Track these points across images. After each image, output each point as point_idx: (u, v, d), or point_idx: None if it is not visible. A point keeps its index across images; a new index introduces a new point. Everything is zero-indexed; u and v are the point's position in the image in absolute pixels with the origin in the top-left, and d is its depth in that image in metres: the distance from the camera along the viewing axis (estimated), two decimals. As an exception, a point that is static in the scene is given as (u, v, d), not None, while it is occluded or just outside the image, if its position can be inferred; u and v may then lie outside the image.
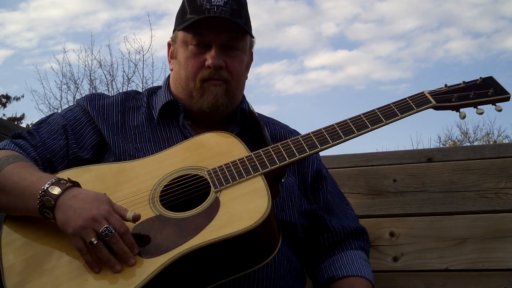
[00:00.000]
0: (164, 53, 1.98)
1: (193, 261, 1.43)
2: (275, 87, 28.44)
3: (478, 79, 1.70)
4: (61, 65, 22.26)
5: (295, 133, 2.01)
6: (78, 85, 18.29)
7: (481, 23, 28.33)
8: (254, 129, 1.90)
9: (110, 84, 18.07)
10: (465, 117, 1.67)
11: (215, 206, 1.52)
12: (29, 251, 1.52)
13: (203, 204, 1.53)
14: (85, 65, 18.73)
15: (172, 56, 1.91)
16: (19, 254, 1.51)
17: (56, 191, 1.49)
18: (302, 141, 1.64)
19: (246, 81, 1.93)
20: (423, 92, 1.69)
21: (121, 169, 1.69)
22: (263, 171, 1.58)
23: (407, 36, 27.77)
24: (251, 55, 1.94)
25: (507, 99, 1.67)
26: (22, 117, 21.24)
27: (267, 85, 28.06)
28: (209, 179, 1.59)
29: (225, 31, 1.79)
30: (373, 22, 28.37)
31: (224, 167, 1.60)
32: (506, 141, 19.13)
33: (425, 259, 2.23)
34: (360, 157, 2.44)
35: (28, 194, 1.53)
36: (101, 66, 18.36)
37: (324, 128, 1.65)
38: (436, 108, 1.68)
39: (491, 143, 18.23)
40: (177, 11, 1.88)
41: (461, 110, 1.68)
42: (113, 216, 1.45)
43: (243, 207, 1.50)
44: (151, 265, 1.41)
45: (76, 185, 1.54)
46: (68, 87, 18.58)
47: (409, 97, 1.68)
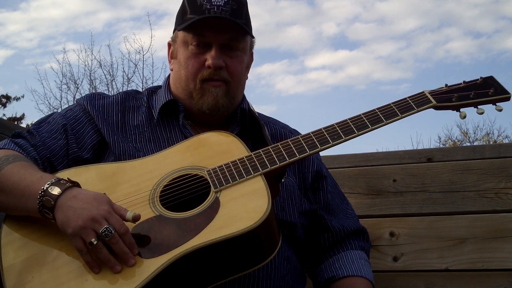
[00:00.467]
0: (164, 53, 1.98)
1: (193, 261, 1.43)
2: (276, 87, 28.46)
3: (478, 79, 1.70)
4: (61, 65, 22.30)
5: (295, 132, 2.00)
6: (78, 85, 18.29)
7: (482, 23, 28.36)
8: (254, 129, 1.90)
9: (110, 84, 18.08)
10: (465, 117, 1.67)
11: (215, 206, 1.51)
12: (29, 251, 1.52)
13: (203, 204, 1.53)
14: (85, 65, 18.73)
15: (172, 56, 1.91)
16: (19, 254, 1.51)
17: (56, 191, 1.49)
18: (302, 141, 1.63)
19: (246, 81, 1.93)
20: (423, 92, 1.69)
21: (121, 169, 1.69)
22: (263, 171, 1.58)
23: (407, 36, 27.80)
24: (251, 55, 1.93)
25: (508, 99, 1.67)
26: (22, 117, 21.25)
27: (268, 85, 28.08)
28: (209, 179, 1.58)
29: (225, 31, 1.79)
30: (374, 22, 28.39)
31: (224, 167, 1.60)
32: (506, 141, 19.13)
33: (425, 259, 2.22)
34: (360, 157, 2.44)
35: (27, 194, 1.52)
36: (101, 66, 18.35)
37: (324, 128, 1.65)
38: (436, 108, 1.67)
39: (491, 143, 18.23)
40: (177, 11, 1.88)
41: (462, 110, 1.68)
42: (113, 216, 1.45)
43: (243, 207, 1.50)
44: (151, 266, 1.41)
45: (76, 185, 1.53)
46: (68, 87, 18.58)
47: (409, 97, 1.68)
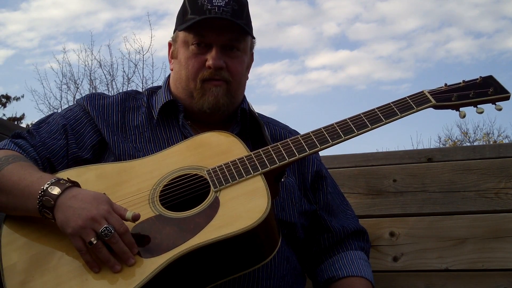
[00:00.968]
0: (164, 53, 1.97)
1: (193, 260, 1.43)
2: (276, 87, 28.44)
3: (478, 78, 1.70)
4: (61, 65, 22.30)
5: (295, 133, 2.00)
6: (78, 85, 18.30)
7: (483, 23, 28.34)
8: (254, 129, 1.90)
9: (110, 84, 18.08)
10: (465, 116, 1.67)
11: (215, 205, 1.51)
12: (30, 251, 1.52)
13: (202, 203, 1.53)
14: (85, 65, 18.74)
15: (172, 56, 1.91)
16: (19, 254, 1.51)
17: (55, 191, 1.49)
18: (301, 141, 1.63)
19: (246, 81, 1.93)
20: (423, 91, 1.69)
21: (121, 169, 1.69)
22: (263, 170, 1.58)
23: (408, 36, 27.78)
24: (252, 55, 1.94)
25: (507, 98, 1.67)
26: (22, 117, 21.23)
27: (268, 85, 28.08)
28: (208, 178, 1.58)
29: (226, 32, 1.79)
30: (375, 22, 28.37)
31: (224, 166, 1.60)
32: (506, 141, 19.13)
33: (425, 259, 2.22)
34: (360, 157, 2.44)
35: (27, 194, 1.52)
36: (101, 66, 18.36)
37: (323, 127, 1.65)
38: (436, 107, 1.67)
39: (491, 143, 18.23)
40: (178, 11, 1.88)
41: (461, 109, 1.68)
42: (113, 216, 1.45)
43: (243, 206, 1.50)
44: (151, 265, 1.41)
45: (75, 185, 1.54)
46: (68, 87, 18.59)
47: (409, 97, 1.68)
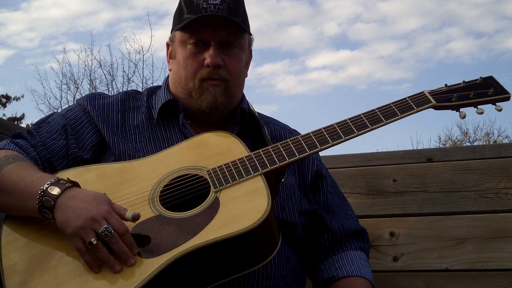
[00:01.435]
0: (164, 53, 1.97)
1: (193, 261, 1.43)
2: (277, 87, 28.43)
3: (478, 79, 1.70)
4: (61, 65, 22.30)
5: (295, 133, 2.00)
6: (78, 85, 18.30)
7: (483, 23, 28.31)
8: (254, 129, 1.90)
9: (110, 84, 18.08)
10: (465, 116, 1.67)
11: (215, 206, 1.51)
12: (29, 251, 1.51)
13: (202, 204, 1.53)
14: (85, 65, 18.74)
15: (171, 56, 1.91)
16: (19, 254, 1.51)
17: (55, 191, 1.49)
18: (302, 141, 1.63)
19: (245, 79, 1.93)
20: (423, 91, 1.69)
21: (121, 169, 1.69)
22: (263, 171, 1.57)
23: (409, 36, 27.76)
24: (250, 52, 1.93)
25: (507, 99, 1.67)
26: (22, 117, 21.24)
27: (269, 85, 28.07)
28: (208, 179, 1.58)
29: (223, 29, 1.78)
30: (375, 22, 28.37)
31: (224, 167, 1.60)
32: (506, 141, 19.13)
33: (425, 259, 2.22)
34: (360, 157, 2.43)
35: (27, 194, 1.52)
36: (101, 66, 18.37)
37: (324, 128, 1.65)
38: (436, 108, 1.67)
39: (491, 143, 18.23)
40: (175, 12, 1.88)
41: (461, 109, 1.68)
42: (113, 216, 1.45)
43: (243, 207, 1.50)
44: (151, 265, 1.41)
45: (75, 185, 1.53)
46: (68, 87, 18.60)
47: (409, 97, 1.68)
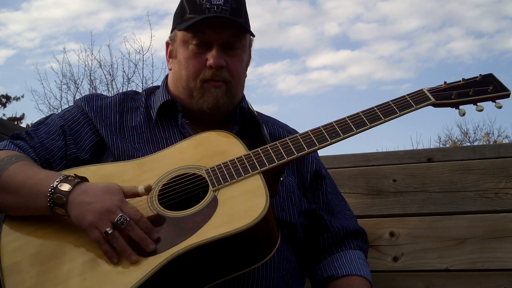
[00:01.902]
0: (164, 53, 1.97)
1: (191, 260, 1.43)
2: (277, 87, 28.47)
3: (477, 76, 1.69)
4: (61, 65, 22.34)
5: (293, 132, 2.00)
6: (78, 85, 18.34)
7: (484, 23, 28.34)
8: (253, 128, 1.89)
9: (110, 84, 18.11)
10: (464, 114, 1.66)
11: (213, 204, 1.51)
12: (29, 250, 1.52)
13: (201, 202, 1.53)
14: (85, 65, 18.77)
15: (171, 55, 1.90)
16: (19, 253, 1.51)
17: (66, 187, 1.50)
18: (300, 140, 1.63)
19: (245, 79, 1.93)
20: (422, 89, 1.68)
21: (119, 169, 1.69)
22: (261, 169, 1.57)
23: (409, 36, 27.79)
24: (250, 52, 1.93)
25: (507, 96, 1.66)
26: (22, 117, 21.25)
27: (269, 85, 28.10)
28: (207, 177, 1.58)
29: (226, 31, 1.78)
30: (376, 22, 28.40)
31: (222, 165, 1.60)
32: (506, 141, 19.13)
33: (425, 259, 2.22)
34: (360, 157, 2.43)
35: (36, 192, 1.53)
36: (101, 66, 18.40)
37: (322, 126, 1.65)
38: (435, 105, 1.66)
39: (491, 143, 18.24)
40: (175, 10, 1.88)
41: (461, 107, 1.67)
42: (126, 204, 1.47)
43: (241, 205, 1.49)
44: (149, 264, 1.41)
45: (84, 180, 1.55)
46: (68, 87, 18.63)
47: (408, 95, 1.67)
